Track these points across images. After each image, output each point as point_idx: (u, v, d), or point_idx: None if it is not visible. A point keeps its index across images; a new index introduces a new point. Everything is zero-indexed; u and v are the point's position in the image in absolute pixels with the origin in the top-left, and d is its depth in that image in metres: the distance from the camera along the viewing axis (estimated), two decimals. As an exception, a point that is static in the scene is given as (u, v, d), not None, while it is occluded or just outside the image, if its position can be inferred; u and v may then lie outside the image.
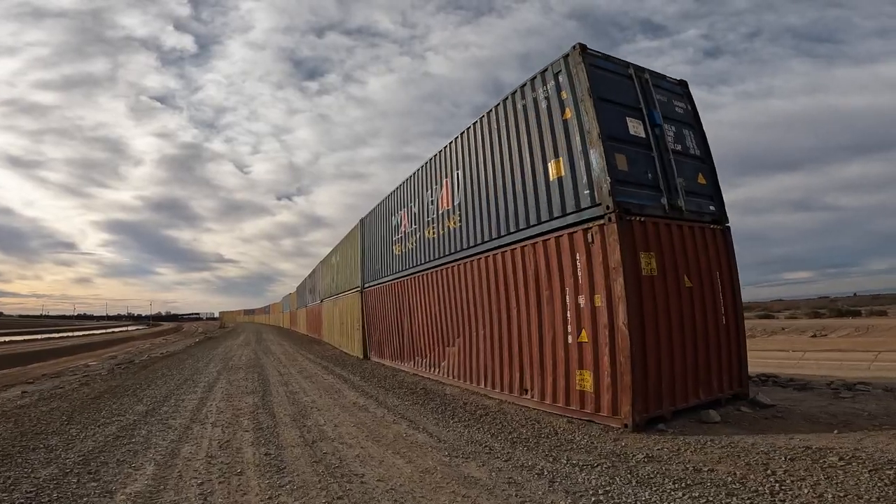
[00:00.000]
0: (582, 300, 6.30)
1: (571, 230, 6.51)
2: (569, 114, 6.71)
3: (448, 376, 9.59)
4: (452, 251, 9.50)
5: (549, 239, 6.88)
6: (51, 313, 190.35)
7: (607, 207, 5.96)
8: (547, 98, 7.09)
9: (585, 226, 6.30)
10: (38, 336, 41.44)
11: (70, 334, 45.17)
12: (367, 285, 15.21)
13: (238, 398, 8.12)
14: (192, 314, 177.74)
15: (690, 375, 6.30)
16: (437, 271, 10.14)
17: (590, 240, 6.22)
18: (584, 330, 6.24)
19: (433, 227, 10.39)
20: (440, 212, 10.14)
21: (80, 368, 14.63)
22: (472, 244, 8.84)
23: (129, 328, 66.17)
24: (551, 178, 6.94)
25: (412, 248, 11.47)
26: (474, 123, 9.05)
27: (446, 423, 6.26)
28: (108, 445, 5.43)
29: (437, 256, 10.16)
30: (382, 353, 13.77)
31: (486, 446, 5.18)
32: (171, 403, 7.81)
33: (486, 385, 8.27)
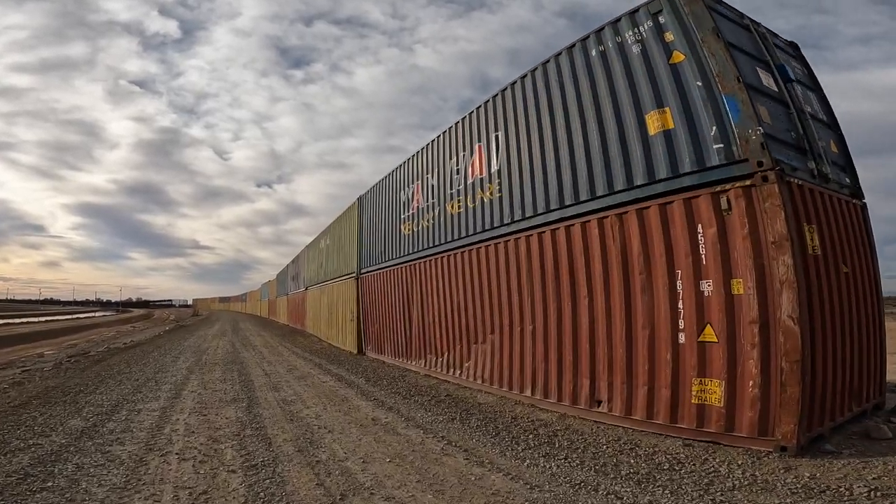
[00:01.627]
0: (707, 287, 4.45)
1: (688, 195, 4.66)
2: (679, 57, 4.98)
3: (475, 380, 7.62)
4: (486, 227, 7.51)
5: (647, 207, 5.02)
6: (16, 297, 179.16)
7: (759, 164, 4.16)
8: (640, 41, 5.35)
9: (714, 189, 4.47)
10: (-5, 321, 37.46)
11: (32, 320, 41.16)
12: (364, 271, 13.06)
13: (215, 410, 5.92)
14: (165, 301, 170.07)
15: (847, 383, 4.61)
16: (462, 252, 8.14)
17: (725, 206, 4.36)
18: (709, 326, 4.41)
19: (458, 201, 8.37)
20: (469, 182, 8.13)
21: (31, 359, 12.06)
22: (516, 217, 6.88)
23: (96, 314, 61.66)
24: (650, 133, 5.13)
25: (427, 227, 9.42)
26: (522, 78, 7.16)
27: (514, 452, 4.33)
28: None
29: (462, 235, 8.15)
30: (382, 349, 11.68)
31: (606, 492, 3.29)
32: (121, 417, 5.56)
33: (534, 393, 6.34)
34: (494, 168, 7.52)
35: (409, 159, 10.65)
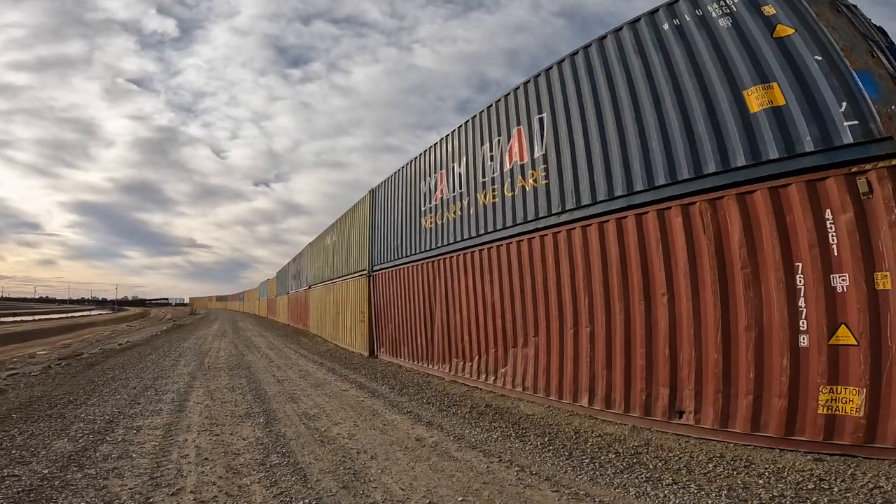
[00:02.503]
0: (841, 281, 3.60)
1: (810, 177, 3.83)
2: (786, 31, 4.25)
3: (513, 387, 6.74)
4: (529, 218, 6.63)
5: (751, 192, 4.16)
6: (11, 296, 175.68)
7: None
8: (729, 14, 4.63)
9: (847, 170, 3.64)
10: (-12, 320, 35.96)
11: (26, 318, 39.66)
12: (377, 268, 12.11)
13: (229, 428, 4.97)
14: (161, 299, 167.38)
15: None
16: (499, 246, 7.24)
17: (864, 189, 3.53)
18: (844, 327, 3.57)
19: (493, 190, 7.48)
20: (506, 169, 7.25)
21: (21, 361, 11.02)
22: (568, 206, 6.01)
23: (92, 313, 59.96)
24: (752, 110, 4.30)
25: (454, 219, 8.51)
26: (572, 55, 6.33)
27: (607, 478, 3.52)
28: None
29: (498, 227, 7.26)
30: (397, 352, 10.74)
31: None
32: (116, 437, 4.59)
33: (592, 402, 5.49)
34: (538, 153, 6.64)
35: (430, 148, 9.74)
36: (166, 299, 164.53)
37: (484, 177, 7.79)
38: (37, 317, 42.94)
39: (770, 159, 4.08)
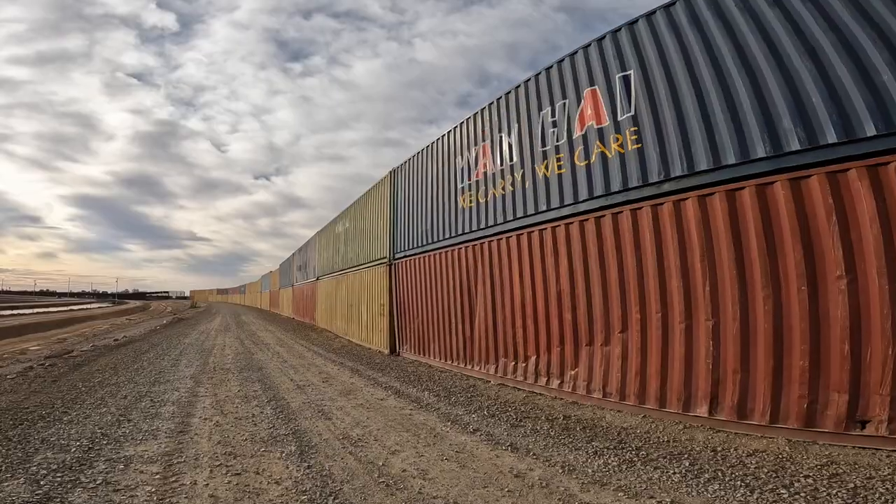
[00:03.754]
0: None
1: None
2: None
3: (588, 393, 5.42)
4: (614, 189, 5.28)
5: None
6: (12, 289, 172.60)
7: None
8: None
9: None
10: (-14, 313, 34.24)
11: (25, 312, 37.96)
12: (399, 256, 10.72)
13: (252, 463, 3.57)
14: (162, 292, 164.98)
15: None
16: (567, 224, 5.89)
17: None
18: None
19: (556, 160, 6.12)
20: (575, 136, 5.90)
21: (11, 357, 9.65)
22: (675, 173, 4.68)
23: (92, 306, 58.12)
24: None
25: (502, 196, 7.14)
26: (668, 7, 5.05)
27: None
28: None
29: (567, 201, 5.91)
30: (426, 350, 9.38)
31: None
32: (95, 478, 3.19)
33: (716, 412, 4.24)
34: (625, 115, 5.28)
35: (467, 119, 8.34)
36: (167, 292, 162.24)
37: (544, 145, 6.41)
38: (36, 310, 41.29)
39: None
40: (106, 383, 6.54)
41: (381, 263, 11.52)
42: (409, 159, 10.58)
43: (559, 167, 6.12)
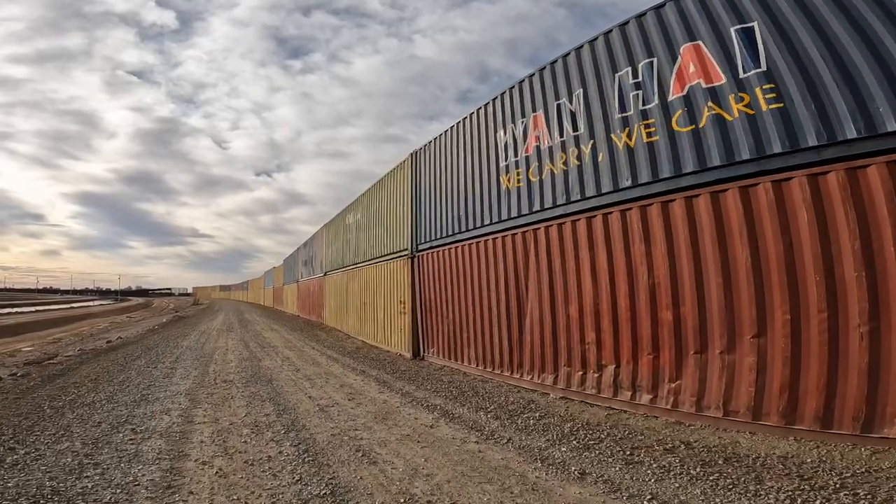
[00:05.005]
0: None
1: None
2: None
3: (703, 411, 4.13)
4: (744, 157, 3.95)
5: None
6: (14, 286, 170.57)
7: None
8: None
9: None
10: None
11: (24, 310, 36.48)
12: (423, 247, 9.35)
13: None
14: (164, 289, 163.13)
15: None
16: (663, 203, 4.54)
17: None
18: None
19: (641, 127, 4.81)
20: (671, 97, 4.58)
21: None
22: (844, 135, 3.33)
23: (93, 303, 56.58)
24: None
25: (563, 173, 5.77)
26: None
27: None
28: None
29: (664, 174, 4.57)
30: (457, 354, 8.02)
31: None
32: None
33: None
34: (751, 71, 3.95)
35: (510, 89, 6.98)
36: (169, 289, 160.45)
37: (623, 110, 5.05)
38: (35, 308, 39.84)
39: None
40: (79, 402, 5.16)
41: (401, 256, 10.15)
42: (435, 139, 9.19)
43: (648, 135, 4.75)
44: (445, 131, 8.81)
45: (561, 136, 5.90)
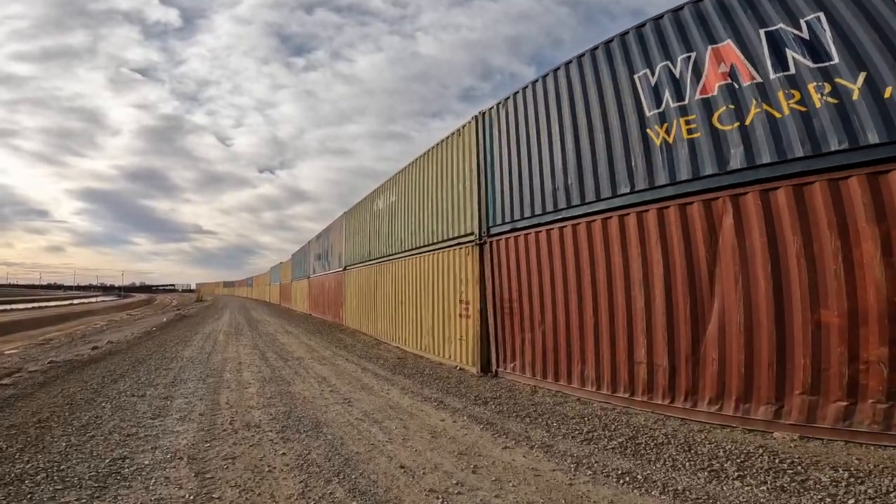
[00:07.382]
0: None
1: None
2: None
3: None
4: None
5: None
6: (18, 282, 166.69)
7: None
8: None
9: None
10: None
11: (22, 306, 33.89)
12: (496, 231, 7.00)
13: None
14: (168, 285, 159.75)
15: None
16: None
17: None
18: None
19: None
20: None
21: None
22: None
23: (96, 299, 53.75)
24: None
25: (780, 120, 3.46)
26: None
27: None
28: None
29: None
30: (555, 371, 5.69)
31: None
32: None
33: None
34: None
35: (660, 17, 4.65)
36: (173, 285, 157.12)
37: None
38: (35, 304, 37.23)
39: None
40: (40, 447, 2.76)
41: (462, 244, 7.79)
42: (514, 94, 6.84)
43: None
44: (530, 83, 6.49)
45: (780, 69, 3.59)
